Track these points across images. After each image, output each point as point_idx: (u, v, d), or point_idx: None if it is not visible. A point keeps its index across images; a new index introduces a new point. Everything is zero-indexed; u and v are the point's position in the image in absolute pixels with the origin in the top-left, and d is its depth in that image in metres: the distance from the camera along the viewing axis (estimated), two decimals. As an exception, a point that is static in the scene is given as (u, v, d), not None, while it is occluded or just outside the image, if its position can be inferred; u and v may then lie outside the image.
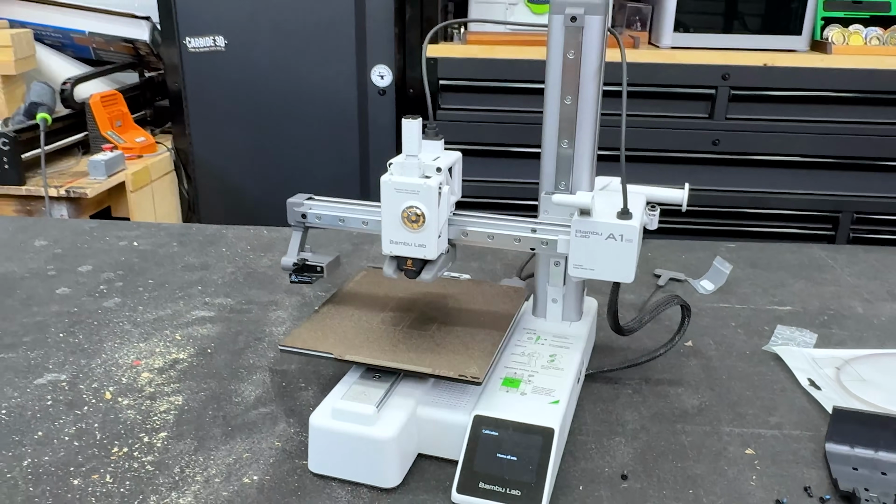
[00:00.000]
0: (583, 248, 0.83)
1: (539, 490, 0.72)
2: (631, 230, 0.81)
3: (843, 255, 1.38)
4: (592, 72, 0.85)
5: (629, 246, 0.82)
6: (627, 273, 0.83)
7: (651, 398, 0.93)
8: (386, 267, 0.87)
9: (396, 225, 0.83)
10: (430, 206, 0.82)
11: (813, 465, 0.80)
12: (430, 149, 0.86)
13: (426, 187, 0.81)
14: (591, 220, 0.82)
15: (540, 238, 0.87)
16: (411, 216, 0.82)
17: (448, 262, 0.89)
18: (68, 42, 2.85)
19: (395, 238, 0.84)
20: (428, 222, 0.82)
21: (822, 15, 2.50)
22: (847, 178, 2.51)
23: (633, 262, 0.83)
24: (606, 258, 0.83)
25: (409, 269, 0.86)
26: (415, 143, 0.82)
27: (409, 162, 0.82)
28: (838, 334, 1.09)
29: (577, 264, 0.84)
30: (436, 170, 0.83)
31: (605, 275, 0.84)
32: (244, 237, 1.45)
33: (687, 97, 2.46)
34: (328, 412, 0.77)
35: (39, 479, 0.77)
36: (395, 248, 0.85)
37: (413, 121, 0.81)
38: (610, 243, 0.82)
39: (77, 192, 2.22)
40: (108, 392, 0.93)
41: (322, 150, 2.63)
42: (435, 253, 0.84)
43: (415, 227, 0.83)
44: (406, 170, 0.83)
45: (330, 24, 2.51)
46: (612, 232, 0.82)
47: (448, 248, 0.88)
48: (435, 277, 0.86)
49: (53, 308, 1.15)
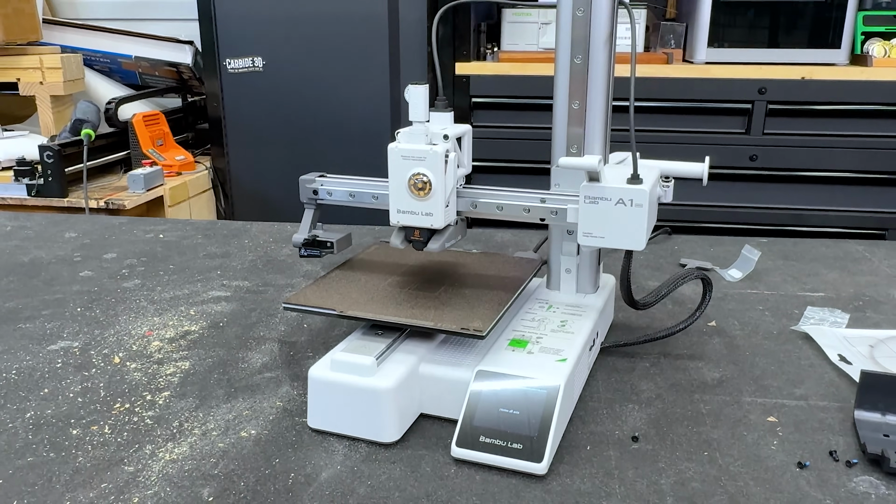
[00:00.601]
0: (592, 215, 0.80)
1: (542, 443, 0.69)
2: (641, 194, 0.78)
3: (882, 249, 1.32)
4: (603, 28, 0.84)
5: (639, 211, 0.79)
6: (639, 240, 0.80)
7: (669, 370, 0.89)
8: (393, 237, 0.86)
9: (403, 193, 0.82)
10: (436, 172, 0.80)
11: (840, 433, 0.75)
12: (440, 120, 0.85)
13: (433, 153, 0.80)
14: (599, 186, 0.80)
15: (549, 207, 0.85)
16: (418, 183, 0.81)
17: (457, 235, 0.88)
18: (116, 67, 2.96)
19: (402, 207, 0.83)
20: (434, 189, 0.81)
21: (863, 29, 2.46)
22: (892, 194, 2.43)
23: (645, 227, 0.79)
24: (616, 225, 0.80)
25: (417, 240, 0.85)
26: (421, 110, 0.81)
27: (416, 129, 0.82)
28: (873, 317, 1.03)
29: (586, 232, 0.81)
30: (443, 137, 0.82)
31: (615, 242, 0.81)
32: (268, 231, 1.46)
33: (723, 112, 2.43)
34: (327, 364, 0.75)
35: (40, 428, 0.77)
36: (403, 218, 0.83)
37: (420, 86, 0.81)
38: (620, 209, 0.79)
39: (115, 204, 2.27)
40: (117, 357, 0.93)
41: (356, 168, 2.64)
42: (442, 222, 0.83)
43: (421, 195, 0.82)
44: (413, 137, 0.82)
45: (364, 43, 2.56)
46: (621, 197, 0.79)
47: (457, 221, 0.87)
48: (442, 248, 0.84)
49: (75, 287, 1.16)
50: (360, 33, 2.55)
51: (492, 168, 2.60)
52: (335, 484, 0.68)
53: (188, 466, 0.70)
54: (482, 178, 2.64)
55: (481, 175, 2.68)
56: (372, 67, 2.58)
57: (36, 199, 2.33)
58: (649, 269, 1.23)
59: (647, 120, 2.46)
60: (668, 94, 2.43)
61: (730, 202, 2.51)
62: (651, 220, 0.82)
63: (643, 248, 0.80)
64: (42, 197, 2.32)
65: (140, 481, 0.68)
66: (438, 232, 0.85)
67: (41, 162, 2.30)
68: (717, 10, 2.43)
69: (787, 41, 2.45)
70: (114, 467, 0.70)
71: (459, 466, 0.70)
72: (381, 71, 2.59)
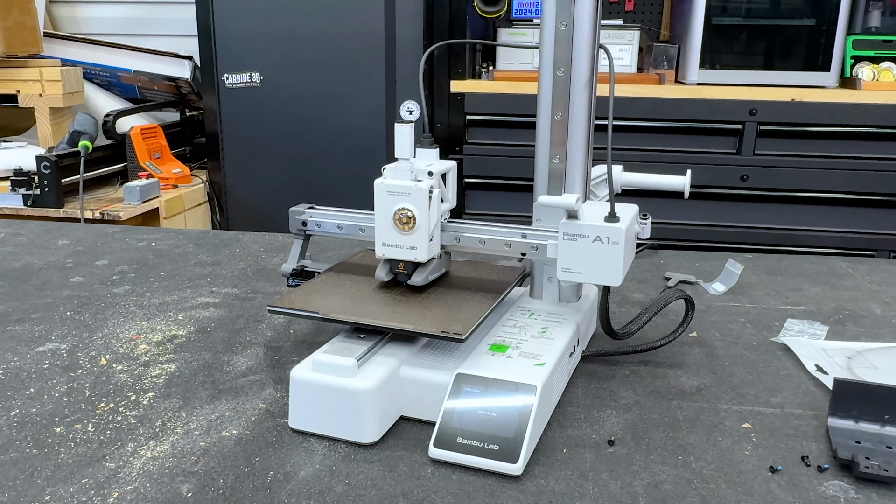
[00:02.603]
0: (570, 252, 0.82)
1: (518, 445, 0.70)
2: (617, 232, 0.80)
3: (866, 265, 1.34)
4: (585, 42, 0.86)
5: (616, 248, 0.81)
6: (615, 276, 0.82)
7: (648, 378, 0.90)
8: (378, 270, 0.89)
9: (388, 227, 0.85)
10: (420, 207, 0.83)
11: (814, 440, 0.77)
12: (426, 156, 0.88)
13: (417, 189, 0.82)
14: (577, 223, 0.82)
15: (530, 243, 0.87)
16: (402, 218, 0.83)
17: (441, 268, 0.91)
18: (115, 81, 2.99)
19: (387, 240, 0.85)
20: (419, 224, 0.83)
21: (853, 53, 2.50)
22: (882, 215, 2.45)
23: (621, 265, 0.81)
24: (594, 261, 0.82)
25: (401, 272, 0.88)
26: (407, 147, 0.83)
27: (402, 165, 0.84)
28: (853, 330, 1.05)
29: (565, 268, 0.83)
30: (427, 174, 0.84)
31: (592, 278, 0.83)
32: (259, 241, 1.47)
33: (714, 132, 2.46)
34: (309, 365, 0.77)
35: (24, 425, 0.78)
36: (388, 251, 0.86)
37: (405, 125, 0.83)
38: (597, 246, 0.81)
39: (111, 215, 2.29)
40: (103, 359, 0.94)
41: (351, 183, 2.68)
42: (426, 256, 0.85)
43: (406, 229, 0.84)
44: (398, 173, 0.84)
45: (361, 61, 2.59)
46: (598, 234, 0.81)
47: (440, 254, 0.89)
48: (426, 280, 0.87)
49: (65, 292, 1.18)
50: (357, 51, 2.58)
51: (486, 185, 2.63)
52: (313, 482, 0.68)
53: (169, 464, 0.71)
54: (476, 195, 2.67)
55: (476, 192, 2.71)
56: (368, 85, 2.61)
57: (32, 210, 2.34)
58: (634, 283, 1.24)
59: (640, 139, 2.48)
60: (661, 114, 2.46)
61: (721, 221, 2.53)
62: (629, 256, 0.84)
63: (619, 283, 0.82)
64: (38, 207, 2.34)
65: (120, 477, 0.69)
66: (422, 265, 0.87)
67: (38, 172, 2.32)
68: (709, 33, 2.47)
69: (778, 64, 2.48)
70: (95, 464, 0.71)
71: (436, 467, 0.71)
72: (377, 88, 2.62)
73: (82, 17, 3.35)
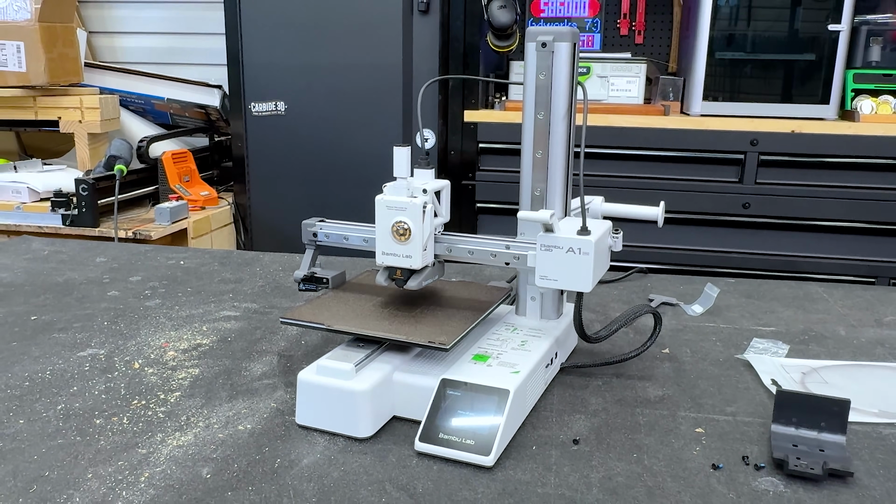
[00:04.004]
0: (547, 261, 0.94)
1: (491, 440, 0.81)
2: (588, 244, 0.91)
3: (840, 290, 1.43)
4: (562, 90, 0.98)
5: (587, 258, 0.92)
6: (586, 283, 0.93)
7: (618, 389, 1.00)
8: (379, 276, 1.00)
9: (387, 238, 0.96)
10: (415, 221, 0.94)
11: (757, 443, 0.86)
12: (422, 176, 0.99)
13: (412, 205, 0.94)
14: (553, 236, 0.93)
15: (513, 253, 0.98)
16: (399, 230, 0.95)
17: (434, 275, 1.02)
18: (149, 108, 3.17)
19: (386, 249, 0.97)
20: (413, 235, 0.95)
21: (853, 87, 2.58)
22: (882, 243, 2.52)
23: (591, 273, 0.92)
24: (567, 269, 0.93)
25: (398, 278, 0.99)
26: (404, 167, 0.96)
27: (399, 183, 0.96)
28: (815, 350, 1.14)
29: (542, 275, 0.94)
30: (422, 191, 0.96)
31: (566, 285, 0.94)
32: (278, 261, 1.60)
33: (717, 162, 2.55)
34: (314, 369, 0.88)
35: (69, 417, 0.91)
36: (386, 259, 0.97)
37: (403, 148, 0.96)
38: (570, 256, 0.92)
39: (142, 235, 2.44)
40: (136, 363, 1.06)
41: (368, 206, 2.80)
42: (420, 263, 0.96)
43: (402, 240, 0.95)
44: (396, 190, 0.96)
45: (380, 91, 2.73)
46: (571, 246, 0.92)
47: (434, 262, 1.01)
48: (420, 286, 0.98)
49: (103, 305, 1.31)
50: (376, 82, 2.73)
51: (497, 210, 2.74)
52: (313, 468, 0.80)
53: (192, 451, 0.83)
54: (488, 220, 2.79)
55: (487, 216, 2.82)
56: (386, 114, 2.75)
57: (69, 228, 2.50)
58: (619, 303, 1.35)
59: (645, 168, 2.59)
60: (666, 144, 2.56)
61: (724, 247, 2.62)
62: (600, 266, 0.95)
63: (590, 290, 0.93)
64: (76, 226, 2.50)
65: (151, 461, 0.81)
66: (417, 272, 0.98)
67: (76, 194, 2.49)
68: (713, 66, 2.57)
69: (779, 96, 2.58)
70: (129, 450, 0.83)
71: (421, 458, 0.82)
72: (394, 117, 2.75)
73: (119, 47, 3.55)
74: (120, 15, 3.54)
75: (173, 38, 3.47)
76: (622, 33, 3.08)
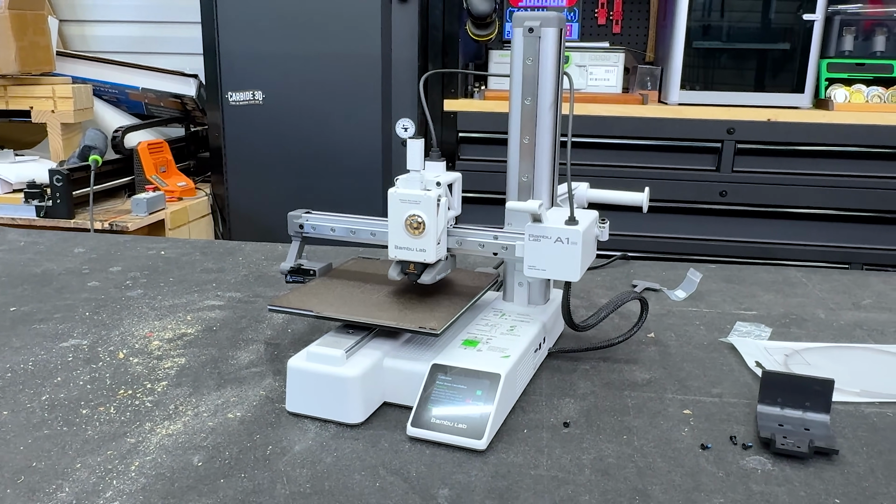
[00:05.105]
0: (535, 251, 0.94)
1: (483, 424, 0.81)
2: (576, 234, 0.92)
3: (818, 275, 1.46)
4: (549, 75, 0.98)
5: (574, 248, 0.92)
6: (574, 272, 0.93)
7: (605, 372, 1.01)
8: (391, 270, 0.99)
9: (400, 232, 0.95)
10: (429, 214, 0.93)
11: (743, 423, 0.88)
12: (434, 168, 0.99)
13: (427, 198, 0.93)
14: (541, 226, 0.93)
15: (501, 243, 0.98)
16: (413, 223, 0.94)
17: (447, 269, 1.00)
18: (123, 98, 3.12)
19: (399, 243, 0.96)
20: (428, 229, 0.94)
21: (826, 76, 2.62)
22: (856, 230, 2.57)
23: (579, 262, 0.92)
24: (555, 259, 0.93)
25: (412, 272, 0.98)
26: (418, 160, 0.94)
27: (413, 176, 0.95)
28: (796, 332, 1.16)
29: (530, 265, 0.95)
30: (436, 184, 0.95)
31: (554, 274, 0.94)
32: (260, 250, 1.59)
33: (694, 150, 2.58)
34: (304, 356, 0.88)
35: (54, 408, 0.89)
36: (400, 253, 0.96)
37: (417, 141, 0.94)
38: (558, 246, 0.93)
39: (119, 226, 2.40)
40: (121, 353, 1.05)
41: (349, 197, 2.80)
42: (434, 257, 0.95)
43: (416, 234, 0.94)
44: (410, 183, 0.95)
45: (358, 81, 2.72)
46: (559, 236, 0.92)
47: (446, 256, 1.00)
48: (434, 280, 0.97)
49: (83, 295, 1.29)
50: (354, 71, 2.71)
51: (478, 199, 2.74)
52: (306, 454, 0.80)
53: (182, 439, 0.82)
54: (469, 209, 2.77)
55: (468, 206, 2.82)
56: (365, 104, 2.74)
57: (44, 220, 2.46)
58: (603, 289, 1.36)
59: (623, 156, 2.61)
60: (644, 133, 2.58)
61: (701, 235, 2.65)
62: (588, 256, 0.95)
63: (578, 279, 0.93)
64: (50, 218, 2.46)
65: (140, 450, 0.80)
66: (430, 266, 0.97)
67: (50, 185, 2.44)
68: (690, 55, 2.60)
69: (755, 85, 2.61)
70: (118, 439, 0.82)
71: (413, 443, 0.82)
72: (373, 107, 2.74)
73: (91, 36, 3.49)
74: (91, 3, 3.47)
75: (147, 27, 3.42)
76: (600, 23, 3.10)
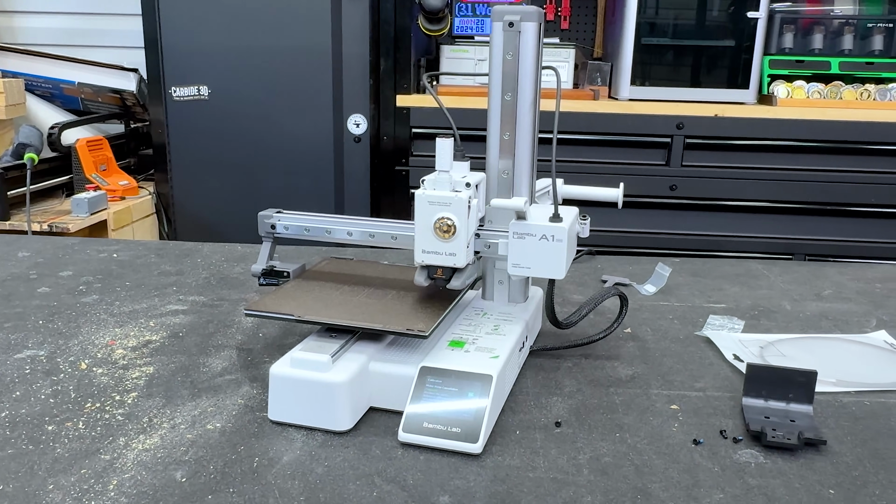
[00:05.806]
0: (520, 249, 0.92)
1: (478, 426, 0.79)
2: (561, 231, 0.91)
3: (779, 267, 1.49)
4: (529, 70, 0.97)
5: (560, 245, 0.91)
6: (559, 270, 0.92)
7: (589, 369, 1.01)
8: (417, 275, 0.94)
9: (428, 235, 0.91)
10: (460, 217, 0.89)
11: (730, 417, 0.88)
12: (459, 169, 0.94)
13: (458, 200, 0.89)
14: (526, 224, 0.92)
15: (483, 241, 0.95)
16: (443, 227, 0.90)
17: (474, 273, 0.97)
18: (57, 92, 2.98)
19: (426, 248, 0.91)
20: (458, 232, 0.90)
21: (769, 72, 2.70)
22: (798, 221, 2.65)
23: (564, 259, 0.91)
24: (540, 257, 0.92)
25: (440, 278, 0.93)
26: (447, 160, 0.90)
27: (442, 177, 0.90)
28: (766, 324, 1.18)
29: (515, 263, 0.93)
30: (465, 185, 0.91)
31: (539, 272, 0.92)
32: (219, 251, 1.53)
33: (645, 145, 2.62)
34: (287, 362, 0.84)
35: (16, 425, 0.83)
36: (427, 258, 0.92)
37: (446, 139, 0.90)
38: (543, 243, 0.91)
39: (59, 227, 2.29)
40: (83, 363, 0.99)
41: (299, 196, 2.74)
42: (464, 261, 0.91)
43: (446, 237, 0.90)
44: (439, 184, 0.90)
45: (309, 74, 2.66)
46: (544, 233, 0.91)
47: (474, 260, 0.96)
48: (463, 285, 0.93)
49: (34, 302, 1.22)
50: (304, 66, 2.65)
51: (431, 195, 2.72)
52: (296, 465, 0.76)
53: (161, 454, 0.78)
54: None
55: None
56: (315, 98, 2.68)
57: (-25, 223, 2.33)
58: (574, 285, 1.36)
59: (575, 152, 2.63)
60: (595, 128, 2.61)
61: (653, 228, 2.69)
62: (570, 252, 0.94)
63: (563, 277, 0.92)
64: (-18, 220, 2.33)
65: (117, 467, 0.75)
66: (460, 270, 0.93)
67: (-18, 185, 2.31)
68: (640, 52, 2.63)
69: (703, 81, 2.67)
70: (91, 456, 0.77)
71: (406, 449, 0.80)
72: (324, 102, 2.69)
73: (21, 28, 3.32)
74: (20, -7, 3.31)
75: (83, 19, 3.27)
76: (548, 18, 3.11)
